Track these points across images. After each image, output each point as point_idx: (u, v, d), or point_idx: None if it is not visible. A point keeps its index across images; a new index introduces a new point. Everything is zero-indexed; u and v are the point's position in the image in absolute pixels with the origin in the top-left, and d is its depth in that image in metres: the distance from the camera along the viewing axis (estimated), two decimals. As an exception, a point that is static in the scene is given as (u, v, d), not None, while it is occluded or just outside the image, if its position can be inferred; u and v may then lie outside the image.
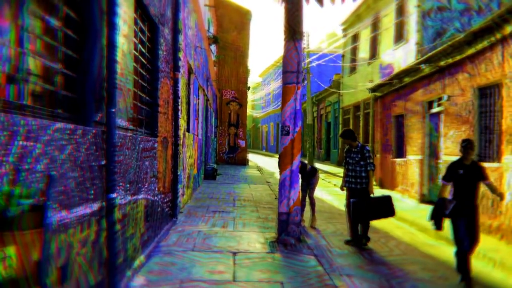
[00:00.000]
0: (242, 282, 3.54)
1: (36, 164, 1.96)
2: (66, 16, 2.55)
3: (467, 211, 4.12)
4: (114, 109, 3.00)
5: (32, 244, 1.34)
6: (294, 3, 5.50)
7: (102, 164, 2.90)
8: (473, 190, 4.20)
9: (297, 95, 5.33)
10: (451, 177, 4.27)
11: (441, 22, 12.23)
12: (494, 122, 7.12)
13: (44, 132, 2.07)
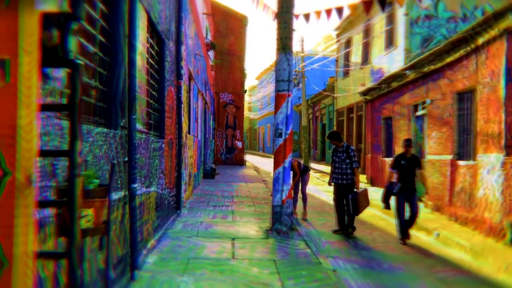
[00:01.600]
0: (240, 260, 4.25)
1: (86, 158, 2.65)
2: (100, 41, 3.25)
3: (408, 191, 5.75)
4: (135, 116, 3.70)
5: (101, 209, 2.03)
6: (285, 19, 6.24)
7: (125, 161, 3.60)
8: (412, 176, 5.87)
9: (288, 101, 6.07)
10: (396, 166, 6.00)
11: (428, 29, 13.00)
12: (470, 124, 7.87)
13: (89, 135, 2.77)
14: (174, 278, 3.61)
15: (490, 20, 6.99)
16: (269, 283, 3.61)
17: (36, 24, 1.06)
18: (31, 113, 1.05)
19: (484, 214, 6.91)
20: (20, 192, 1.05)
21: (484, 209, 6.94)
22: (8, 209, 1.05)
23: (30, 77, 1.05)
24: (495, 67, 6.92)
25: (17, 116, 1.04)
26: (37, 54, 1.06)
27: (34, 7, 1.05)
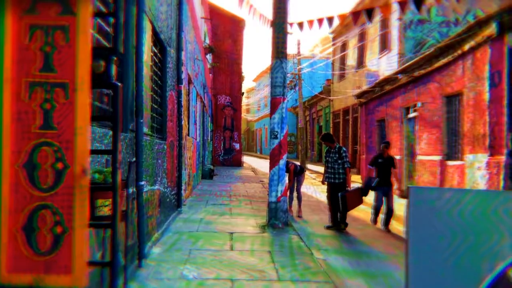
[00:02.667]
0: (238, 251, 4.66)
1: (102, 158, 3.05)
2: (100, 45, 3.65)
3: (385, 185, 6.84)
4: (142, 120, 4.11)
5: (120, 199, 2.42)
6: (280, 28, 6.66)
7: (133, 161, 4.00)
8: (388, 173, 6.96)
9: (283, 105, 6.48)
10: (373, 163, 7.20)
11: (421, 33, 13.44)
12: (458, 126, 8.31)
13: (104, 137, 3.17)
14: (177, 266, 4.01)
15: (474, 28, 7.44)
16: (264, 270, 4.02)
17: (88, 57, 1.46)
18: (84, 122, 1.45)
19: (470, 211, 7.34)
20: (76, 180, 1.45)
21: (470, 206, 7.38)
22: (68, 192, 1.45)
23: (83, 96, 1.46)
24: (479, 72, 7.37)
25: (74, 125, 1.44)
26: (88, 79, 1.46)
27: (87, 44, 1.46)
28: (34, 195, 1.44)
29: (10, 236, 1.43)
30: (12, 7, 1.41)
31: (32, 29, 1.44)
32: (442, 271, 0.73)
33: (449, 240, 0.75)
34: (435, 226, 0.74)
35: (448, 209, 0.75)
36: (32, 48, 1.43)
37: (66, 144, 1.43)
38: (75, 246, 1.44)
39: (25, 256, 1.44)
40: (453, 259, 0.75)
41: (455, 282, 0.71)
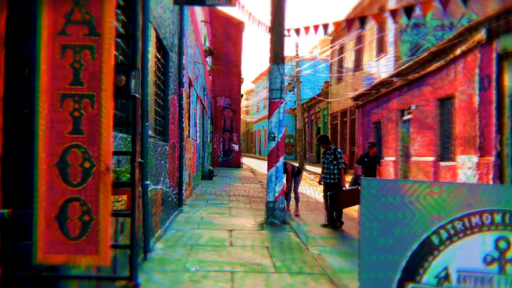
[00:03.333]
0: (237, 246, 4.92)
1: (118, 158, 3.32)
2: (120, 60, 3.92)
3: None
4: (147, 123, 4.37)
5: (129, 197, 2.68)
6: (277, 34, 6.94)
7: (140, 161, 4.27)
8: (374, 170, 7.52)
9: (281, 108, 6.76)
10: (360, 162, 7.85)
11: (416, 37, 13.72)
12: (450, 128, 8.60)
13: (114, 139, 3.43)
14: (180, 259, 4.28)
15: (465, 33, 7.74)
16: (262, 263, 4.28)
17: (111, 72, 1.72)
18: (108, 128, 1.72)
19: (461, 210, 7.62)
20: (101, 176, 1.72)
21: (461, 206, 7.66)
22: (94, 186, 1.72)
23: (107, 106, 1.72)
24: (470, 76, 7.66)
25: (100, 130, 1.71)
26: (111, 91, 1.72)
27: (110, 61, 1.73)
28: (66, 189, 1.70)
29: (46, 224, 1.70)
30: (48, 29, 1.68)
31: (64, 49, 1.70)
32: (384, 244, 0.96)
33: (390, 220, 0.99)
34: (380, 211, 0.98)
35: (390, 196, 1.00)
36: (64, 65, 1.70)
37: (92, 146, 1.70)
38: (100, 232, 1.70)
39: (58, 240, 1.70)
40: (392, 234, 0.99)
41: (393, 252, 0.94)
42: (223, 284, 3.69)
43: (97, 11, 1.71)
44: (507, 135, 6.64)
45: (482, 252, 0.95)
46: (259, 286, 3.70)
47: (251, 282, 3.78)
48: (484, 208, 0.96)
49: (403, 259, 0.99)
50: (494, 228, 0.96)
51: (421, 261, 0.97)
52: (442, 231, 0.97)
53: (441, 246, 0.96)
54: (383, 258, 0.99)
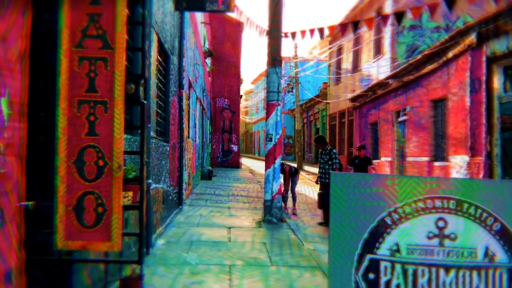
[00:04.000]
0: (235, 242, 5.17)
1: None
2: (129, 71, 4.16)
3: None
4: (149, 124, 4.62)
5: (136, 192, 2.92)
6: (275, 38, 7.19)
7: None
8: (365, 171, 7.98)
9: (278, 110, 7.00)
10: (351, 164, 8.55)
11: (412, 38, 13.96)
12: (444, 129, 8.85)
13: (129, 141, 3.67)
14: (180, 254, 4.52)
15: (457, 37, 8.00)
16: (259, 258, 4.53)
17: (122, 81, 1.96)
18: (120, 130, 1.96)
19: (453, 209, 7.87)
20: (114, 173, 1.96)
21: (453, 205, 7.91)
22: (107, 182, 1.96)
23: (119, 110, 1.97)
24: (462, 79, 7.91)
25: (113, 133, 1.95)
26: (122, 98, 1.96)
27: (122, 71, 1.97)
28: (82, 184, 1.94)
29: (65, 214, 1.93)
30: (67, 43, 1.91)
31: (81, 60, 1.94)
32: (349, 226, 1.18)
33: (354, 207, 1.21)
34: (346, 199, 1.20)
35: (356, 187, 1.22)
36: (81, 74, 1.94)
37: (105, 147, 1.94)
38: (113, 221, 1.94)
39: (76, 229, 1.94)
40: (357, 218, 1.20)
41: (356, 232, 1.15)
42: (222, 276, 3.93)
43: (110, 27, 1.94)
44: (496, 136, 6.89)
45: (425, 230, 1.18)
46: (256, 277, 3.94)
47: (249, 274, 4.02)
48: (427, 195, 1.18)
49: (364, 236, 1.22)
50: (434, 211, 1.18)
51: (378, 238, 1.19)
52: (394, 213, 1.19)
53: (393, 225, 1.18)
54: (349, 237, 1.22)
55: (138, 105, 2.24)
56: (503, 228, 1.21)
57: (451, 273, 1.20)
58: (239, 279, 3.91)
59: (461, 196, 1.18)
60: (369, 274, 1.21)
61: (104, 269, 3.08)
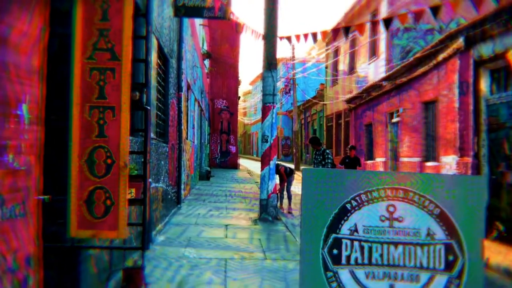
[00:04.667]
0: (231, 239, 5.44)
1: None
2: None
3: None
4: (150, 126, 4.88)
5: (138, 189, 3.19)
6: (270, 42, 7.47)
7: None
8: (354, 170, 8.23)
9: (273, 112, 7.28)
10: (342, 163, 9.01)
11: (407, 41, 14.24)
12: (434, 131, 9.14)
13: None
14: (179, 249, 4.79)
15: (446, 40, 8.29)
16: (254, 252, 4.80)
17: (128, 89, 2.23)
18: (126, 132, 2.23)
19: (443, 208, 8.16)
20: (120, 170, 2.23)
21: (443, 203, 8.20)
22: (114, 179, 2.23)
23: (125, 115, 2.24)
24: (451, 81, 8.21)
25: (120, 134, 2.22)
26: (128, 104, 2.23)
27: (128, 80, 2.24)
28: (93, 180, 2.21)
29: (77, 207, 2.20)
30: (80, 55, 2.18)
31: (91, 70, 2.21)
32: (317, 212, 1.43)
33: (321, 197, 1.46)
34: (315, 191, 1.44)
35: (322, 181, 1.47)
36: (92, 83, 2.21)
37: (113, 147, 2.20)
38: (119, 213, 2.21)
39: (87, 219, 2.20)
40: (323, 205, 1.46)
41: (322, 216, 1.41)
42: (217, 268, 4.21)
43: (117, 40, 2.22)
44: (483, 137, 7.18)
45: (378, 214, 1.43)
46: (251, 270, 4.21)
47: (244, 267, 4.29)
48: (380, 186, 1.44)
49: (329, 220, 1.48)
50: (386, 199, 1.44)
51: (340, 221, 1.45)
52: (353, 201, 1.45)
53: (352, 211, 1.44)
54: (317, 221, 1.48)
55: (142, 110, 2.52)
56: (441, 212, 1.47)
57: (399, 249, 1.47)
58: (234, 271, 4.18)
59: (408, 187, 1.45)
60: (333, 250, 1.48)
61: (108, 260, 3.35)
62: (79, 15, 2.19)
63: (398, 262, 1.42)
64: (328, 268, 1.45)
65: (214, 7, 5.55)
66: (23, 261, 2.05)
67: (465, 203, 1.42)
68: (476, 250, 1.43)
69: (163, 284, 3.70)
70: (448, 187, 1.45)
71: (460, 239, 1.43)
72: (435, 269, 1.43)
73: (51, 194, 2.26)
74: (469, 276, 1.42)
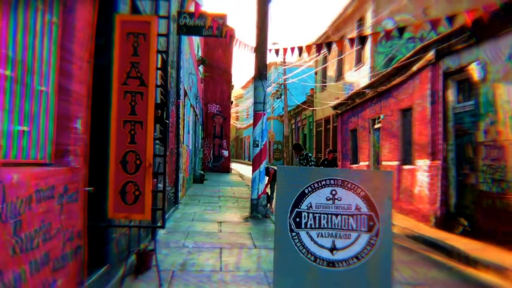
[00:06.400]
0: (225, 232, 6.25)
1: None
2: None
3: None
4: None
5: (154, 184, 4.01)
6: (261, 54, 8.34)
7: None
8: None
9: (263, 119, 8.14)
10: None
11: (390, 49, 15.21)
12: (410, 136, 10.07)
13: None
14: (179, 240, 5.59)
15: (420, 52, 9.25)
16: (245, 243, 5.62)
17: (153, 108, 3.05)
18: (151, 140, 3.05)
19: (419, 205, 9.08)
20: (146, 169, 3.05)
21: (419, 202, 9.12)
22: (142, 175, 3.05)
23: (150, 127, 3.05)
24: (423, 91, 9.15)
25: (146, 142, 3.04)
26: (152, 119, 3.05)
27: (153, 101, 3.06)
28: (125, 176, 3.01)
29: (114, 196, 3.00)
30: (117, 82, 2.99)
31: (125, 93, 3.01)
32: (286, 196, 2.21)
33: (289, 186, 2.25)
34: (286, 182, 2.23)
35: (290, 175, 2.27)
36: (126, 103, 3.01)
37: (141, 151, 3.01)
38: (145, 200, 3.00)
39: (121, 205, 3.00)
40: (291, 191, 2.26)
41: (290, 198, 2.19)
42: (214, 255, 5.01)
43: (145, 71, 3.03)
44: (450, 142, 8.12)
45: (325, 196, 2.24)
46: (242, 256, 5.03)
47: (236, 254, 5.11)
48: (326, 177, 2.25)
49: (293, 200, 2.29)
50: (330, 186, 2.24)
51: (300, 200, 2.25)
52: (309, 187, 2.26)
53: (309, 194, 2.24)
54: (286, 201, 2.28)
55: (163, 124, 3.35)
56: (365, 194, 2.29)
57: (338, 218, 2.28)
58: (227, 257, 4.99)
59: (344, 178, 2.27)
60: (296, 219, 2.29)
61: (125, 243, 4.14)
62: (116, 51, 3.00)
63: (337, 226, 2.22)
64: (293, 230, 2.24)
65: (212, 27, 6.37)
66: (76, 234, 2.85)
67: (379, 188, 2.23)
68: (387, 219, 2.25)
69: (169, 265, 4.50)
70: (369, 178, 2.27)
71: (377, 211, 2.24)
72: (361, 230, 2.24)
73: (94, 186, 3.06)
74: (383, 235, 2.23)
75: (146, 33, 3.02)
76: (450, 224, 7.71)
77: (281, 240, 2.29)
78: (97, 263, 3.35)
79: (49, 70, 2.51)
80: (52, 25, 2.53)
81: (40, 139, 2.45)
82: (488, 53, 6.96)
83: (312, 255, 2.29)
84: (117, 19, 3.02)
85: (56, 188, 2.44)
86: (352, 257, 2.29)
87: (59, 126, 2.62)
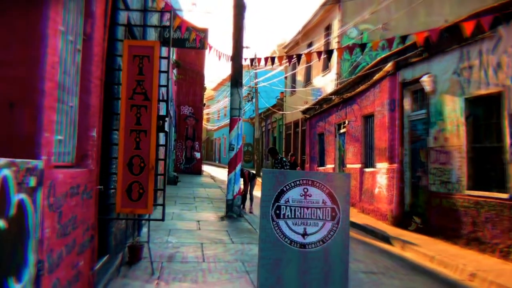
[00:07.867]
0: (203, 230, 6.87)
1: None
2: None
3: None
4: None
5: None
6: (237, 64, 9.02)
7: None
8: None
9: (239, 124, 8.81)
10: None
11: (355, 56, 16.25)
12: (372, 141, 11.09)
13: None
14: (163, 236, 6.16)
15: (380, 63, 10.27)
16: (222, 239, 6.26)
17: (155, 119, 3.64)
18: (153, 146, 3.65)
19: (378, 205, 10.07)
20: (149, 171, 3.64)
21: (378, 202, 10.11)
22: (145, 176, 3.64)
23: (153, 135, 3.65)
24: (383, 99, 10.18)
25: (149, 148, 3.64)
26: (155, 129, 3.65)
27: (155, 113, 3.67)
28: (132, 177, 3.58)
29: (121, 193, 3.56)
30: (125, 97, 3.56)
31: (132, 106, 3.59)
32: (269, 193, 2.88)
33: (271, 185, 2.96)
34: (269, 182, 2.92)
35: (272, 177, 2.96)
36: (132, 115, 3.59)
37: (145, 155, 3.59)
38: (148, 197, 3.58)
39: (127, 201, 3.57)
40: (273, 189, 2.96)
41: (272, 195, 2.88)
42: (196, 248, 5.62)
43: (149, 87, 3.62)
44: (406, 147, 9.16)
45: (299, 193, 2.96)
46: (221, 249, 5.67)
47: (215, 247, 5.74)
48: (299, 178, 2.97)
49: (274, 196, 2.99)
50: (303, 185, 2.97)
51: (280, 196, 2.96)
52: (287, 185, 2.97)
53: (286, 191, 2.96)
54: (269, 197, 2.98)
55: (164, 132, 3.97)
56: (329, 191, 3.03)
57: (309, 210, 3.01)
58: (208, 250, 5.62)
59: (313, 178, 3.01)
60: (277, 211, 2.99)
61: (120, 238, 4.68)
62: (124, 71, 3.58)
63: (308, 216, 2.95)
64: (274, 220, 2.95)
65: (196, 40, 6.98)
66: (91, 226, 3.40)
67: (340, 187, 2.99)
68: (345, 210, 3.01)
69: (156, 257, 5.06)
70: (332, 179, 3.01)
71: (338, 204, 2.99)
72: (326, 219, 2.99)
73: (104, 185, 3.62)
74: (342, 222, 2.99)
75: (149, 55, 3.62)
76: (405, 221, 8.72)
77: (265, 227, 2.99)
78: (100, 253, 3.90)
79: (75, 89, 3.06)
80: (77, 51, 3.09)
81: (68, 145, 3.00)
82: (437, 67, 8.00)
83: (288, 238, 2.99)
84: (125, 44, 3.60)
85: (81, 186, 3.00)
86: (319, 240, 3.02)
87: (80, 135, 3.17)
